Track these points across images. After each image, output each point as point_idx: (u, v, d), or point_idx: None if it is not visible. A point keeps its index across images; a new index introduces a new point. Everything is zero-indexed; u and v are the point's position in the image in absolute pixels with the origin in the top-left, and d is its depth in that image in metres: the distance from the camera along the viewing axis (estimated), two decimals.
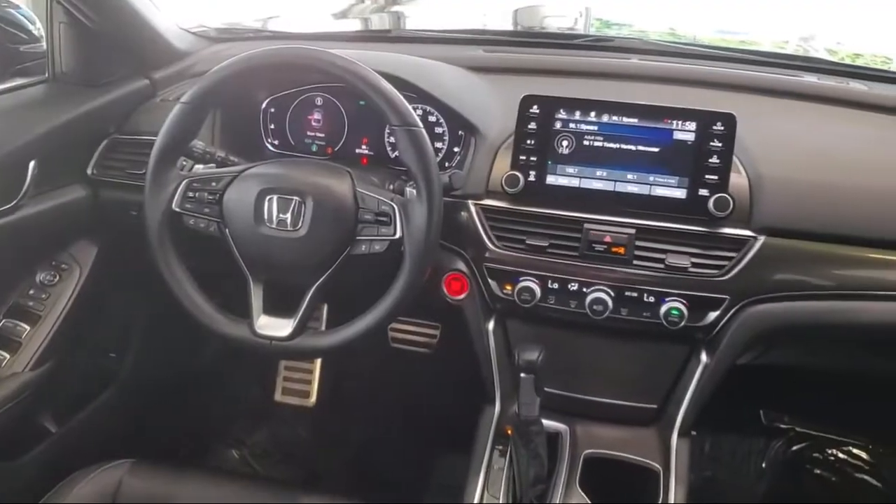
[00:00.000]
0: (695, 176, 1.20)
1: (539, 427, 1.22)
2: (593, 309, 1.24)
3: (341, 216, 1.15)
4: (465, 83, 1.46)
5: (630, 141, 1.23)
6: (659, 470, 1.30)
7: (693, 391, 1.31)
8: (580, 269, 1.26)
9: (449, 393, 1.94)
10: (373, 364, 2.15)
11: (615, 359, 1.37)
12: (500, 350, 1.38)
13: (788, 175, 1.24)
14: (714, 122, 1.18)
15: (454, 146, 1.41)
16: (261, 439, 2.14)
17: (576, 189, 1.25)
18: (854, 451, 2.07)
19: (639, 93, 1.36)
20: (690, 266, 1.21)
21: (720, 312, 1.23)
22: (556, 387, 1.35)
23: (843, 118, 1.40)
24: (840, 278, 1.23)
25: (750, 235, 1.20)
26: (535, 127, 1.25)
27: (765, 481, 2.05)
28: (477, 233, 1.29)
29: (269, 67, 1.17)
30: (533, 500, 1.22)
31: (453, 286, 1.33)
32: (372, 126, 1.46)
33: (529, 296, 1.27)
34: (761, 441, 2.09)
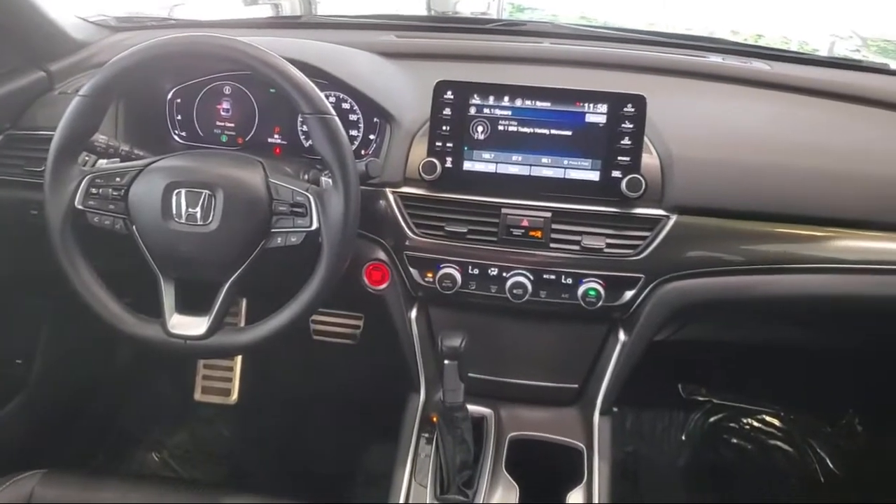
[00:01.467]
0: (607, 158, 1.22)
1: (464, 413, 1.22)
2: (513, 293, 1.25)
3: (254, 209, 1.12)
4: (379, 69, 1.45)
5: (544, 125, 1.24)
6: (582, 448, 1.32)
7: (613, 369, 1.34)
8: (499, 254, 1.26)
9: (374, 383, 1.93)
10: (295, 358, 2.12)
11: (536, 341, 1.39)
12: (423, 338, 1.38)
13: (697, 154, 1.27)
14: (624, 103, 1.20)
15: (370, 134, 1.39)
16: (182, 441, 2.09)
17: (492, 174, 1.25)
18: (768, 420, 2.16)
19: (551, 76, 1.37)
20: (605, 247, 1.23)
21: (636, 291, 1.26)
22: (480, 371, 1.36)
23: (747, 97, 1.44)
24: (749, 253, 1.27)
25: (662, 215, 1.23)
26: (449, 113, 1.25)
27: (685, 453, 2.12)
28: (396, 221, 1.28)
29: (172, 56, 1.13)
30: (460, 486, 1.23)
31: (374, 276, 1.32)
32: (284, 115, 1.43)
33: (450, 282, 1.27)
34: (680, 414, 2.15)
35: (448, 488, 1.24)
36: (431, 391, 1.40)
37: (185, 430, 2.11)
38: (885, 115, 1.43)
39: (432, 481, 1.25)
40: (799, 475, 2.08)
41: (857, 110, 1.44)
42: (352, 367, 2.08)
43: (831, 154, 1.32)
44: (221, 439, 2.11)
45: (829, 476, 2.06)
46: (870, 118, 1.43)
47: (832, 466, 2.07)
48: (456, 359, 1.18)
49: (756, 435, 2.15)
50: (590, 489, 1.26)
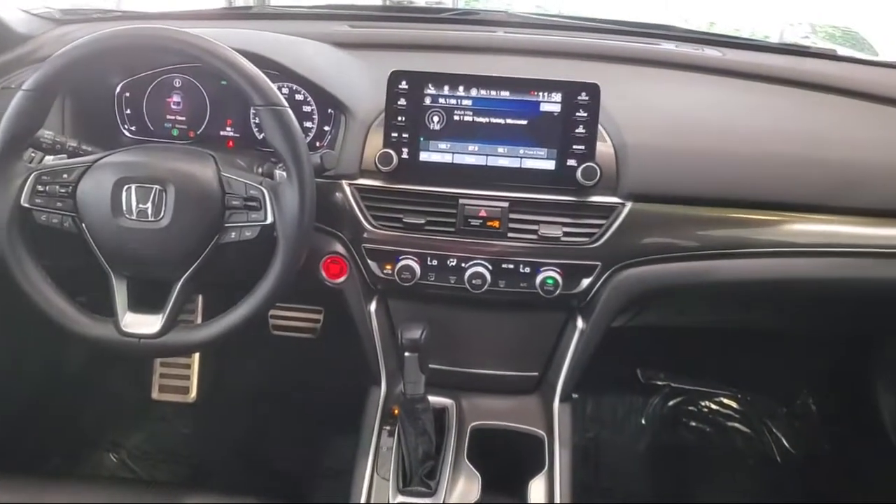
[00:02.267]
0: (563, 147, 1.22)
1: (425, 404, 1.22)
2: (472, 283, 1.25)
3: (206, 203, 1.10)
4: (332, 60, 1.43)
5: (499, 114, 1.23)
6: (543, 436, 1.33)
7: (571, 357, 1.35)
8: (458, 245, 1.26)
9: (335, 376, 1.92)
10: (255, 353, 2.10)
11: (496, 331, 1.39)
12: (383, 330, 1.37)
13: (651, 142, 1.28)
14: (579, 92, 1.20)
15: (324, 125, 1.38)
16: (140, 441, 2.05)
17: (449, 165, 1.25)
18: (725, 402, 2.21)
19: (506, 66, 1.37)
20: (563, 235, 1.24)
21: (593, 279, 1.27)
22: (441, 362, 1.36)
23: (700, 84, 1.46)
24: (704, 239, 1.28)
25: (617, 202, 1.24)
26: (405, 103, 1.24)
27: (645, 437, 2.15)
28: (353, 213, 1.27)
29: (119, 49, 1.10)
30: (422, 478, 1.23)
31: (332, 269, 1.31)
32: (236, 107, 1.41)
33: (410, 274, 1.26)
34: (640, 399, 2.18)
35: (410, 481, 1.24)
36: (392, 384, 1.39)
37: (143, 430, 2.07)
38: (833, 100, 1.45)
39: (394, 474, 1.25)
40: (756, 456, 2.12)
41: (807, 96, 1.46)
42: (312, 362, 2.07)
43: (782, 139, 1.34)
44: (181, 438, 2.08)
45: (786, 456, 2.11)
46: (818, 103, 1.45)
47: (788, 446, 2.12)
48: (416, 351, 1.18)
49: (714, 417, 2.19)
50: (551, 476, 1.27)
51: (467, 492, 1.23)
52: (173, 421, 2.10)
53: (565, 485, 1.26)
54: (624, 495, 1.99)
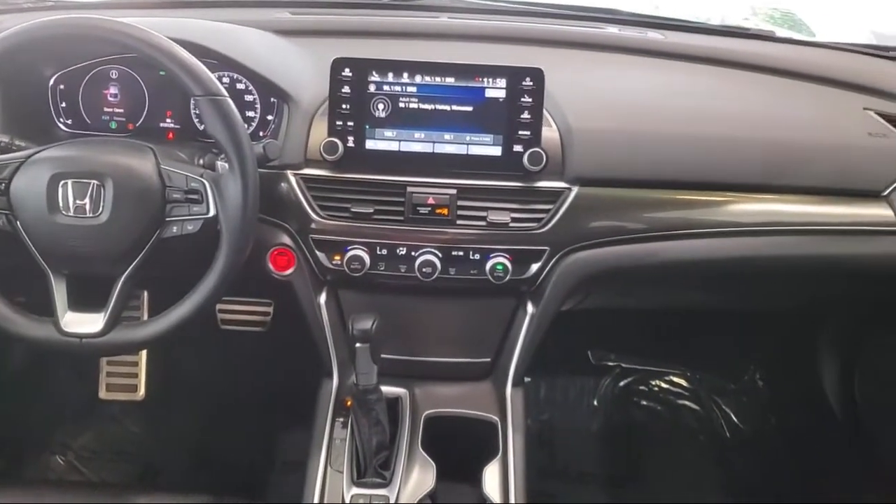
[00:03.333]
0: (508, 132, 1.22)
1: (378, 395, 1.21)
2: (423, 271, 1.25)
3: (146, 197, 1.07)
4: (273, 47, 1.40)
5: (445, 101, 1.23)
6: (497, 421, 1.33)
7: (523, 341, 1.36)
8: (407, 233, 1.25)
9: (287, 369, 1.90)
10: (204, 348, 2.06)
11: (448, 318, 1.39)
12: (333, 322, 1.36)
13: (596, 126, 1.28)
14: (523, 77, 1.20)
15: (267, 114, 1.35)
16: (88, 441, 2.01)
17: (396, 152, 1.24)
18: (675, 380, 2.25)
19: (451, 52, 1.36)
20: (511, 221, 1.24)
21: (542, 263, 1.27)
22: (393, 352, 1.35)
23: (643, 67, 1.47)
24: (650, 221, 1.30)
25: (564, 187, 1.25)
26: (349, 91, 1.22)
27: (597, 417, 2.18)
28: (299, 204, 1.25)
29: (51, 40, 1.07)
30: (377, 468, 1.22)
31: (279, 261, 1.29)
32: (176, 98, 1.37)
33: (359, 264, 1.25)
34: (591, 380, 2.21)
35: (365, 472, 1.23)
36: (344, 375, 1.38)
37: (91, 430, 2.03)
38: (772, 81, 1.48)
39: (348, 466, 1.24)
40: (706, 432, 2.17)
41: (748, 77, 1.48)
42: (263, 355, 2.04)
43: (725, 120, 1.36)
44: (130, 437, 2.04)
45: (735, 431, 2.16)
46: (760, 84, 1.48)
47: (737, 422, 2.17)
48: (367, 341, 1.17)
49: (664, 396, 2.23)
50: (505, 461, 1.27)
51: (422, 481, 1.23)
52: (122, 420, 2.06)
53: (519, 469, 1.27)
54: (578, 476, 2.01)
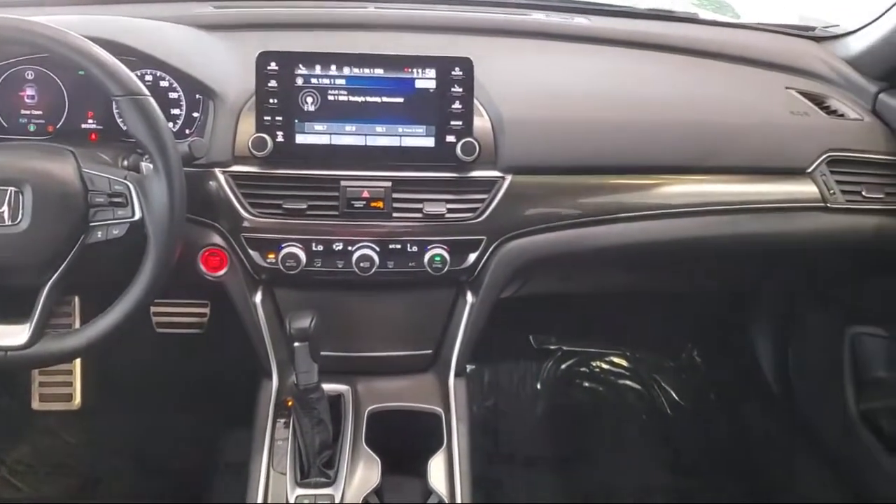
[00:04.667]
0: (440, 123, 1.21)
1: (320, 393, 1.20)
2: (360, 266, 1.23)
3: (68, 203, 1.03)
4: (196, 43, 1.36)
5: (375, 93, 1.21)
6: (441, 412, 1.33)
7: (464, 331, 1.36)
8: (342, 228, 1.24)
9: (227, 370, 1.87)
10: (140, 353, 2.00)
11: (388, 312, 1.38)
12: (270, 321, 1.34)
13: (527, 114, 1.29)
14: (452, 67, 1.20)
15: (193, 112, 1.32)
16: (22, 455, 1.93)
17: (327, 146, 1.22)
18: (615, 361, 2.28)
19: (380, 42, 1.35)
20: (447, 212, 1.23)
21: (479, 253, 1.27)
22: (333, 349, 1.33)
23: (571, 53, 1.48)
24: (584, 206, 1.31)
25: (497, 176, 1.24)
26: (275, 85, 1.20)
27: (541, 401, 2.20)
28: (229, 202, 1.22)
29: None
30: (321, 468, 1.21)
31: (211, 262, 1.26)
32: (97, 98, 1.32)
33: (294, 262, 1.23)
34: (534, 364, 2.23)
35: (309, 472, 1.22)
36: (284, 375, 1.36)
37: (25, 443, 1.96)
38: (699, 63, 1.51)
39: (291, 467, 1.22)
40: (648, 410, 2.21)
41: (674, 59, 1.51)
42: (202, 357, 2.00)
43: (653, 104, 1.38)
44: (68, 448, 1.98)
45: (675, 407, 2.21)
46: (685, 66, 1.50)
47: (677, 398, 2.22)
48: (306, 340, 1.15)
49: (605, 376, 2.26)
50: (450, 452, 1.28)
51: (367, 477, 1.22)
52: (58, 431, 1.99)
53: (464, 459, 1.27)
54: (525, 460, 2.03)
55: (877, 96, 1.48)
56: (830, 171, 1.37)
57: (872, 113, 1.48)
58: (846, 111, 1.46)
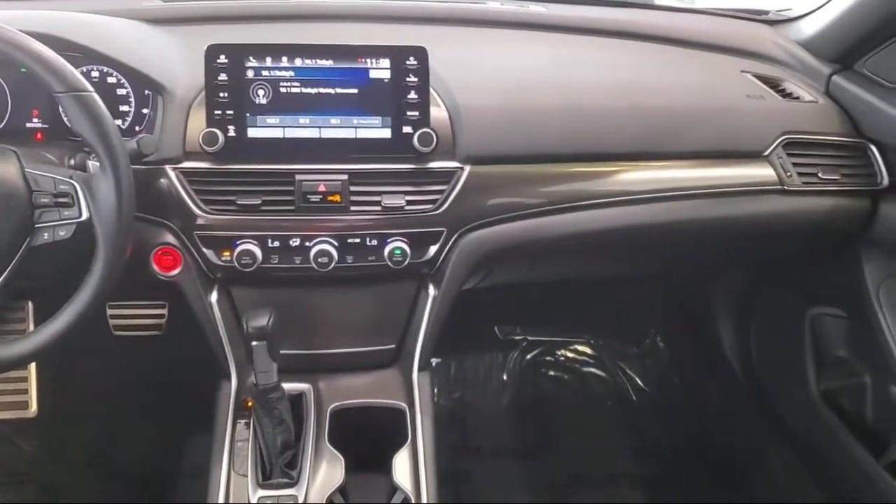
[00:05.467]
0: (396, 114, 1.19)
1: (280, 393, 1.18)
2: (318, 262, 1.21)
3: (11, 204, 0.99)
4: (144, 37, 1.32)
5: (328, 84, 1.19)
6: (405, 408, 1.31)
7: (426, 324, 1.34)
8: (299, 223, 1.21)
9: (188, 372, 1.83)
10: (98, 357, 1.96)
11: (348, 307, 1.36)
12: (227, 320, 1.30)
13: (484, 103, 1.27)
14: (406, 57, 1.18)
15: (142, 108, 1.28)
16: None
17: (280, 140, 1.19)
18: (580, 349, 2.29)
19: (333, 33, 1.33)
20: (406, 204, 1.21)
21: (440, 245, 1.25)
22: (293, 347, 1.31)
23: (527, 41, 1.47)
24: (544, 195, 1.30)
25: (456, 167, 1.23)
26: (226, 78, 1.16)
27: (507, 392, 2.21)
28: (181, 200, 1.19)
29: None
30: (283, 468, 1.19)
31: (164, 262, 1.23)
32: (42, 96, 1.27)
33: (250, 259, 1.20)
34: (499, 355, 2.23)
35: (271, 473, 1.19)
36: (243, 375, 1.33)
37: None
38: (655, 48, 1.51)
39: (253, 468, 1.19)
40: (613, 397, 2.23)
41: (630, 45, 1.51)
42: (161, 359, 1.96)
43: (610, 91, 1.37)
44: (24, 457, 1.93)
45: (640, 394, 2.22)
46: (642, 52, 1.50)
47: (641, 384, 2.23)
48: (264, 339, 1.12)
49: (571, 365, 2.27)
50: (415, 447, 1.26)
51: (331, 476, 1.20)
52: (14, 439, 1.94)
53: (429, 453, 1.25)
54: (492, 451, 2.03)
55: (830, 78, 1.49)
56: (787, 154, 1.38)
57: (826, 95, 1.49)
58: (801, 94, 1.48)
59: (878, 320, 1.42)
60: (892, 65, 1.39)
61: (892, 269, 1.45)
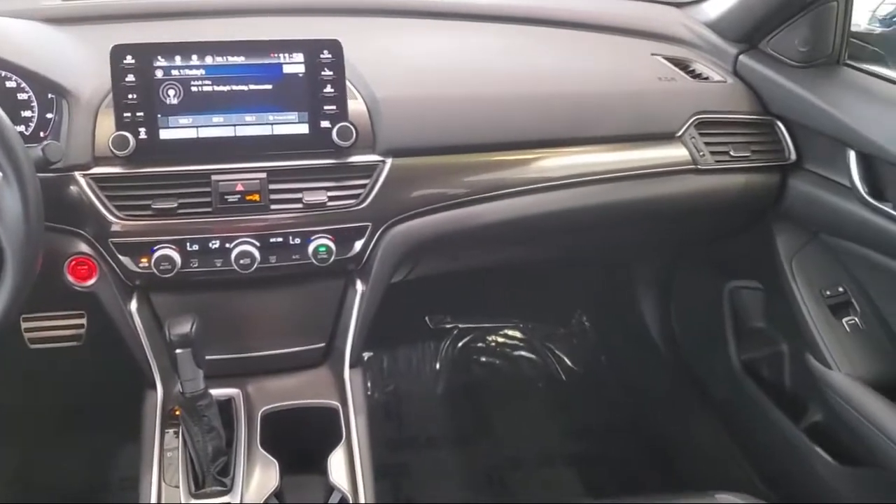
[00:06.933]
0: (313, 109, 1.17)
1: (208, 399, 1.15)
2: (240, 263, 1.18)
3: None
4: (45, 39, 1.27)
5: (241, 81, 1.16)
6: (338, 406, 1.30)
7: (356, 320, 1.32)
8: (218, 225, 1.18)
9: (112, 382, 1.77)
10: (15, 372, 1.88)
11: (274, 308, 1.33)
12: (149, 329, 1.26)
13: (402, 94, 1.26)
14: (320, 50, 1.16)
15: (46, 113, 1.22)
16: None
17: (194, 140, 1.16)
18: (510, 333, 2.32)
19: (243, 29, 1.30)
20: (328, 200, 1.20)
21: (365, 240, 1.24)
22: (219, 352, 1.28)
23: (442, 30, 1.47)
24: (467, 185, 1.30)
25: (378, 160, 1.22)
26: (133, 79, 1.12)
27: (441, 380, 2.22)
28: (93, 207, 1.14)
29: None
30: (216, 476, 1.16)
31: (79, 272, 1.18)
32: None
33: (169, 264, 1.16)
34: (431, 345, 2.24)
35: (203, 482, 1.16)
36: (169, 383, 1.29)
37: None
38: (567, 34, 1.53)
39: (184, 478, 1.16)
40: (543, 378, 2.27)
41: (543, 32, 1.52)
42: (84, 371, 1.89)
43: (525, 78, 1.38)
44: None
45: (569, 373, 2.27)
46: (555, 38, 1.52)
47: (570, 364, 2.28)
48: (188, 346, 1.09)
49: (502, 350, 2.30)
50: (350, 445, 1.25)
51: (265, 481, 1.18)
52: None
53: (364, 451, 1.25)
54: (428, 441, 2.04)
55: (737, 58, 1.54)
56: (699, 134, 1.42)
57: (734, 74, 1.53)
58: (710, 74, 1.51)
59: (791, 291, 1.47)
60: (794, 43, 1.44)
61: (803, 240, 1.50)
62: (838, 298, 1.45)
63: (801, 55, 1.43)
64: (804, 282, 1.47)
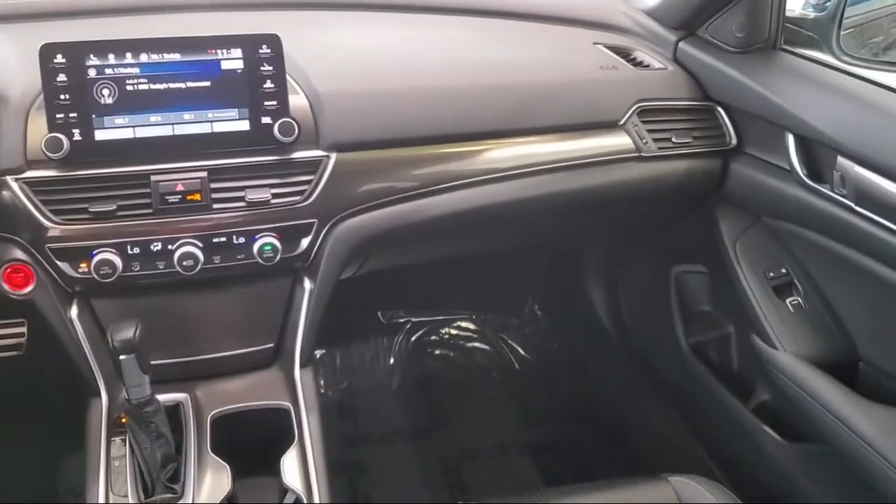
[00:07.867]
0: (253, 105, 1.15)
1: (155, 405, 1.12)
2: (183, 265, 1.16)
3: None
4: None
5: (178, 78, 1.13)
6: (289, 407, 1.28)
7: (305, 319, 1.30)
8: (159, 227, 1.15)
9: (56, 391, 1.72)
10: None
11: (221, 309, 1.31)
12: (91, 335, 1.22)
13: (344, 88, 1.25)
14: (259, 45, 1.14)
15: None
16: None
17: (131, 140, 1.12)
18: (463, 325, 2.33)
19: (179, 25, 1.27)
20: (272, 198, 1.18)
21: (312, 237, 1.23)
22: (165, 356, 1.25)
23: (384, 23, 1.45)
24: (413, 178, 1.29)
25: (322, 155, 1.20)
26: (65, 79, 1.08)
27: (396, 375, 2.22)
28: (27, 212, 1.10)
29: None
30: (165, 483, 1.13)
31: (14, 280, 1.14)
32: None
33: (110, 269, 1.13)
34: (384, 340, 2.23)
35: (153, 490, 1.14)
36: (114, 391, 1.25)
37: None
38: (509, 25, 1.53)
39: (133, 487, 1.13)
40: (497, 368, 2.28)
41: (485, 23, 1.52)
42: (26, 380, 1.84)
43: (469, 70, 1.38)
44: None
45: (523, 361, 2.28)
46: (496, 29, 1.52)
47: (523, 353, 2.29)
48: (132, 352, 1.06)
49: (455, 341, 2.30)
50: (303, 446, 1.23)
51: (217, 485, 1.16)
52: None
53: (318, 450, 1.23)
54: (384, 436, 2.03)
55: (676, 45, 1.55)
56: (641, 121, 1.43)
57: (674, 61, 1.55)
58: (651, 62, 1.53)
59: (735, 273, 1.50)
60: (731, 29, 1.46)
61: (745, 224, 1.53)
62: (781, 280, 1.47)
63: (739, 41, 1.45)
64: (748, 264, 1.49)
